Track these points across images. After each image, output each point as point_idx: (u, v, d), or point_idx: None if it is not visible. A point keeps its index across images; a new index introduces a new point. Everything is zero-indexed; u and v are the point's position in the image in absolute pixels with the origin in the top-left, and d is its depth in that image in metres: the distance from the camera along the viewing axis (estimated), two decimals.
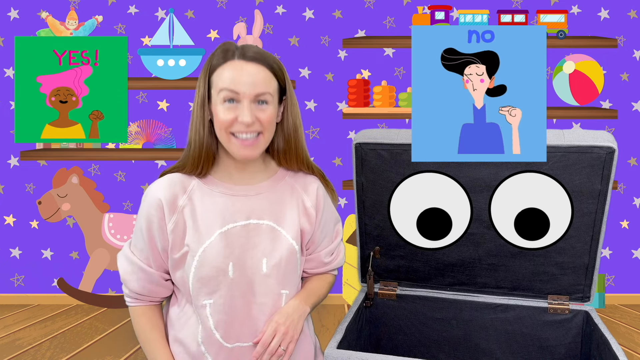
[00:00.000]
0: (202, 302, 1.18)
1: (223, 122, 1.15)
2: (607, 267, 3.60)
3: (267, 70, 1.17)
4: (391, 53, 3.52)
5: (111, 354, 2.83)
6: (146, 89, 3.49)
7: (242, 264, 1.18)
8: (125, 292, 1.26)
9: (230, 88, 1.14)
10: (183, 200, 1.20)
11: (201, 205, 1.20)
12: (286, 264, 1.21)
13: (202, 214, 1.19)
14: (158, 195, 1.19)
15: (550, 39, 3.27)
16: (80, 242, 3.60)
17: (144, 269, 1.23)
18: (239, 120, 1.14)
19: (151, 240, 1.20)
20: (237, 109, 1.15)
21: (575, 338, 1.47)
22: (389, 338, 1.61)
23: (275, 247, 1.20)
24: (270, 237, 1.21)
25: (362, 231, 1.57)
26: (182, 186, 1.21)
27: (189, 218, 1.19)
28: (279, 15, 3.53)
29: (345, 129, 3.56)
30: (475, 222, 1.47)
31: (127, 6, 3.53)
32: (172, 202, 1.19)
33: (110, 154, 3.44)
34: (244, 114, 1.14)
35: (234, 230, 1.19)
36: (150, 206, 1.19)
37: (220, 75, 1.16)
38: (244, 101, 1.14)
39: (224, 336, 1.18)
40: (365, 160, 1.49)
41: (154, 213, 1.19)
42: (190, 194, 1.21)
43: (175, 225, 1.18)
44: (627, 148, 3.54)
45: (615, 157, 1.34)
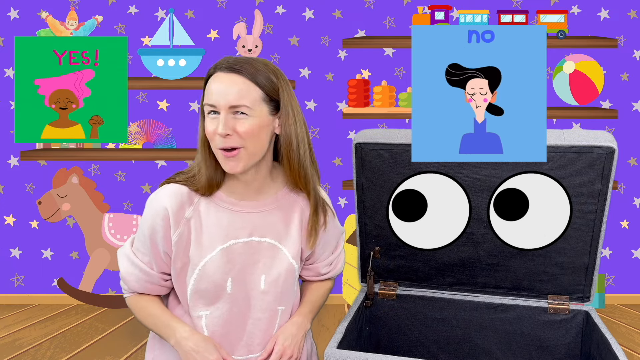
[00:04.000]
0: (198, 312, 1.19)
1: (207, 134, 1.14)
2: (607, 267, 3.60)
3: (246, 80, 1.12)
4: (391, 53, 3.52)
5: (111, 354, 2.82)
6: (146, 89, 3.49)
7: (241, 280, 1.19)
8: (124, 287, 1.26)
9: (209, 102, 1.13)
10: (189, 212, 1.18)
11: (206, 219, 1.18)
12: (284, 282, 1.22)
13: (206, 228, 1.18)
14: (165, 205, 1.16)
15: (550, 39, 3.27)
16: (80, 242, 3.60)
17: (145, 271, 1.22)
18: (217, 132, 1.12)
19: (154, 247, 1.20)
20: (217, 120, 1.13)
21: (575, 338, 1.47)
22: (389, 338, 1.61)
23: (275, 265, 1.21)
24: (270, 254, 1.21)
25: (362, 231, 1.57)
26: (190, 197, 1.19)
27: (194, 230, 1.18)
28: (279, 15, 3.53)
29: (345, 129, 3.56)
30: (474, 222, 1.47)
31: (127, 6, 3.52)
32: (178, 213, 1.17)
33: (110, 154, 3.44)
34: (219, 125, 1.11)
35: (235, 246, 1.18)
36: (157, 214, 1.17)
37: (207, 88, 1.15)
38: (221, 112, 1.12)
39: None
40: (365, 160, 1.49)
41: (159, 222, 1.16)
42: (197, 205, 1.19)
43: (179, 237, 1.17)
44: (627, 148, 3.53)
45: (615, 157, 1.34)
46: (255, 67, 1.14)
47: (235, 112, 1.12)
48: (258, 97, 1.13)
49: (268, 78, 1.14)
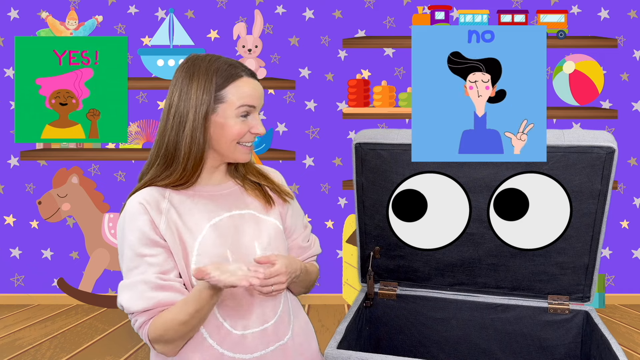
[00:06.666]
0: None
1: (238, 134, 1.20)
2: (607, 267, 3.60)
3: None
4: (391, 53, 3.52)
5: (111, 354, 2.83)
6: (146, 89, 3.49)
7: (238, 250, 1.21)
8: (134, 318, 1.18)
9: (250, 103, 1.21)
10: (165, 204, 1.20)
11: (183, 207, 1.21)
12: (276, 242, 1.26)
13: (188, 212, 1.21)
14: (139, 201, 1.18)
15: (550, 39, 3.27)
16: (80, 242, 3.60)
17: (143, 280, 1.16)
18: (253, 132, 1.22)
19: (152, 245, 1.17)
20: (247, 122, 1.22)
21: (575, 338, 1.47)
22: (389, 338, 1.61)
23: (262, 230, 1.26)
24: (255, 223, 1.26)
25: (362, 231, 1.57)
26: (160, 193, 1.21)
27: (178, 219, 1.20)
28: (279, 15, 3.53)
29: (345, 129, 3.56)
30: (474, 222, 1.47)
31: (127, 6, 3.52)
32: (155, 205, 1.18)
33: (110, 154, 3.44)
34: (260, 125, 1.23)
35: (221, 222, 1.23)
36: (136, 213, 1.17)
37: (238, 91, 1.20)
38: (255, 114, 1.23)
39: (232, 324, 1.20)
40: (365, 160, 1.49)
41: (139, 217, 1.17)
42: (170, 198, 1.22)
43: (167, 225, 1.18)
44: (627, 148, 3.54)
45: (615, 157, 1.34)
46: None
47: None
48: None
49: None
